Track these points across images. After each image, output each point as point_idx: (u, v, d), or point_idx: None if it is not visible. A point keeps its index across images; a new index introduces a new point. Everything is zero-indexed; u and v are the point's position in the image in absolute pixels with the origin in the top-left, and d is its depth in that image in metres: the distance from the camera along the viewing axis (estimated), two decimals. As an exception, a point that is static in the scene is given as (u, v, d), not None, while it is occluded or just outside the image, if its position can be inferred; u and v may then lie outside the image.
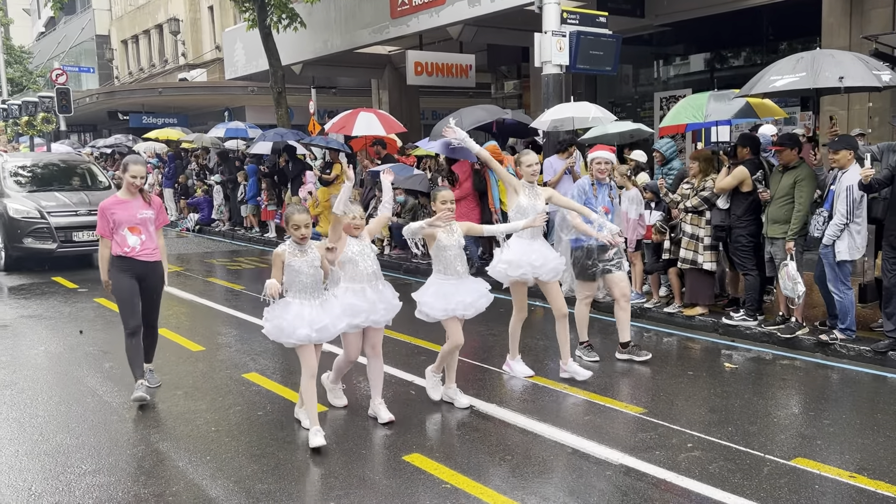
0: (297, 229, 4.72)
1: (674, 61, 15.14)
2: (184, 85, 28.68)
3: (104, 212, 5.44)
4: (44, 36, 46.89)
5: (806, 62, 6.72)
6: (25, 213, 11.35)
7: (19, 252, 11.42)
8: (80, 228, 11.38)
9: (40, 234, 11.27)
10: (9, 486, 4.19)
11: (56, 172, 13.12)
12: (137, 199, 5.54)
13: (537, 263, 5.90)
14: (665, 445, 4.67)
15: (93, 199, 11.66)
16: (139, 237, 5.48)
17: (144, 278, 5.55)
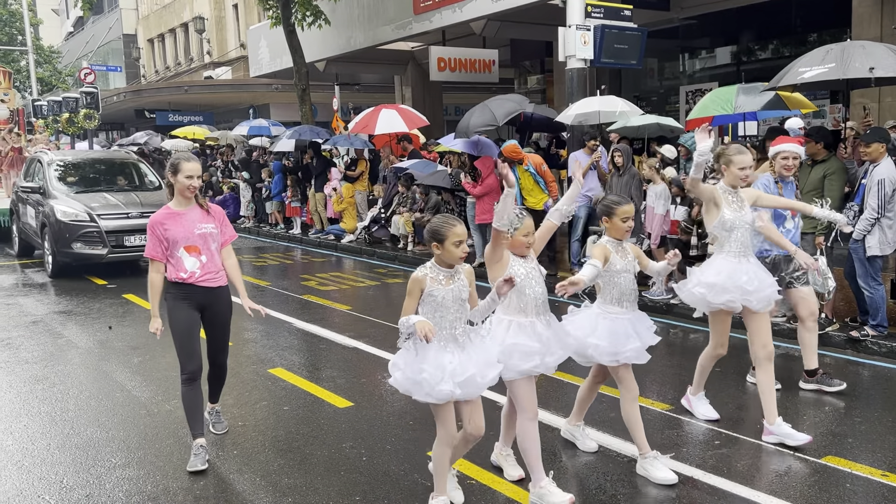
0: (458, 245, 3.56)
1: (700, 54, 14.97)
2: (209, 83, 28.96)
3: (154, 228, 4.35)
4: (72, 36, 47.60)
5: (835, 53, 6.61)
6: (74, 215, 10.53)
7: (68, 258, 10.63)
8: (132, 232, 10.45)
9: (90, 239, 10.46)
10: (41, 479, 4.27)
11: (103, 171, 12.29)
12: (194, 209, 4.43)
13: (749, 288, 4.63)
14: (692, 443, 4.63)
15: (144, 199, 11.04)
16: (198, 258, 4.39)
17: (207, 308, 4.50)
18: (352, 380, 6.06)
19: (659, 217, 7.93)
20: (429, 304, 3.54)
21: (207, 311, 4.52)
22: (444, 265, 3.59)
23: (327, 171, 14.29)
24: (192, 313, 4.45)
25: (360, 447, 4.65)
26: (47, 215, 10.77)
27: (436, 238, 3.55)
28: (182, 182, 4.36)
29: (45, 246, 10.99)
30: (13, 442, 4.83)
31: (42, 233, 11.05)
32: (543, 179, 9.30)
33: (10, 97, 19.21)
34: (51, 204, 10.82)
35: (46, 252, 10.96)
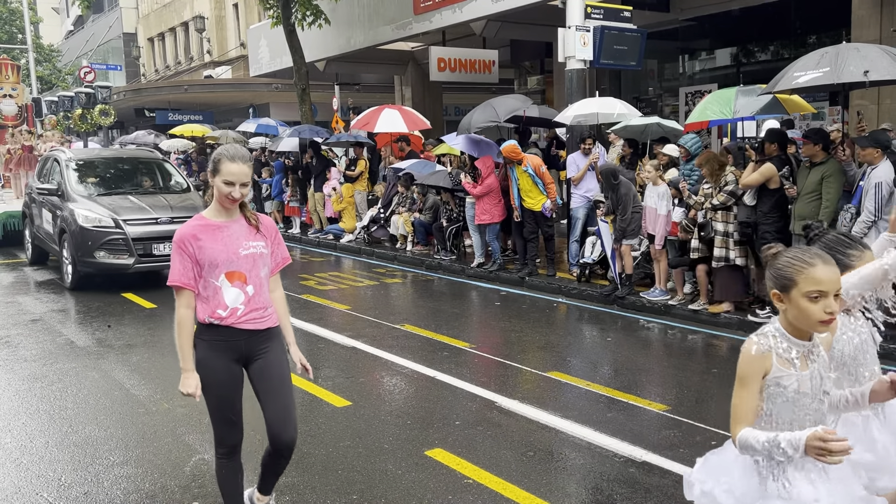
0: (815, 298, 2.15)
1: (699, 56, 14.99)
2: (209, 82, 28.97)
3: (184, 245, 3.15)
4: (72, 34, 47.60)
5: (830, 57, 6.62)
6: (97, 220, 9.47)
7: (90, 268, 9.55)
8: (161, 239, 9.40)
9: (115, 247, 9.38)
10: (39, 477, 4.28)
11: (126, 171, 11.17)
12: (238, 222, 3.25)
13: None
14: (689, 443, 4.64)
15: (174, 202, 10.04)
16: (243, 289, 3.21)
17: (253, 359, 3.31)
18: (350, 379, 6.07)
19: (662, 218, 7.94)
20: (776, 399, 2.25)
21: (254, 362, 3.31)
22: (794, 332, 2.24)
23: (327, 171, 14.31)
24: (233, 367, 3.28)
25: (357, 446, 4.66)
26: (67, 220, 9.74)
27: (779, 284, 2.22)
28: (220, 188, 3.15)
29: (63, 254, 9.95)
30: (12, 440, 4.84)
31: (60, 239, 9.99)
32: (542, 181, 9.31)
33: (18, 92, 18.61)
34: (70, 208, 9.78)
35: (65, 261, 9.89)
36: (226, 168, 3.14)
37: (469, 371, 6.21)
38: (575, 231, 9.69)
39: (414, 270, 11.25)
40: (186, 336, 3.20)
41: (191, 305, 3.20)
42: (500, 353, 6.81)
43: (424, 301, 9.28)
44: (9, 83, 18.48)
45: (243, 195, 3.18)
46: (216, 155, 3.21)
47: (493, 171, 9.93)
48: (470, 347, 6.91)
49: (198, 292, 3.20)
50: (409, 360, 6.48)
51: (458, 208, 11.10)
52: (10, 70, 18.89)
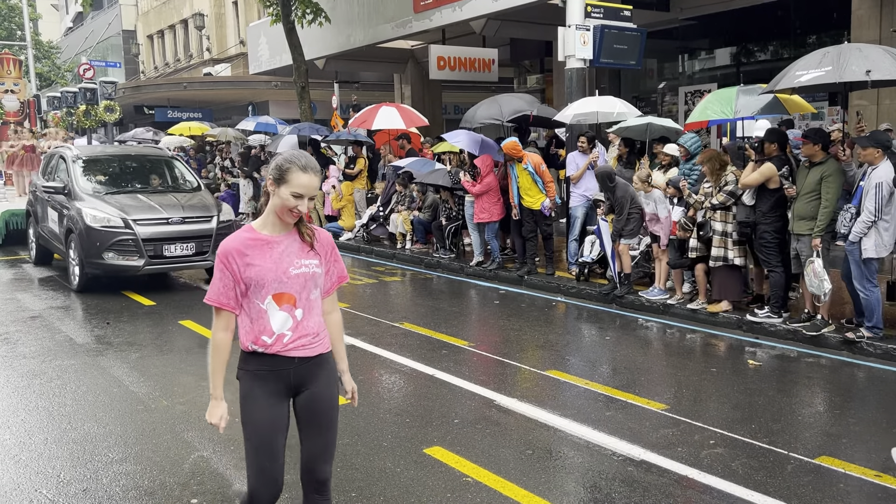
0: None
1: (699, 55, 15.00)
2: (208, 80, 28.95)
3: (229, 260, 2.79)
4: (71, 31, 47.55)
5: (832, 56, 6.64)
6: (105, 220, 9.10)
7: (98, 269, 9.18)
8: (172, 240, 9.17)
9: (124, 248, 9.02)
10: (38, 473, 4.28)
11: (134, 169, 10.76)
12: (291, 237, 2.87)
13: None
14: (687, 442, 4.65)
15: (185, 202, 9.69)
16: (291, 313, 2.84)
17: (301, 391, 2.93)
18: (349, 377, 6.07)
19: (666, 220, 7.96)
20: None
21: (302, 393, 2.92)
22: None
23: (326, 169, 14.29)
24: (279, 405, 2.88)
25: (356, 444, 4.67)
26: (74, 220, 9.35)
27: None
28: (285, 200, 2.76)
29: (69, 255, 9.60)
30: (11, 436, 4.84)
31: (67, 240, 9.63)
32: (542, 179, 9.32)
33: (20, 88, 18.16)
34: (78, 207, 9.39)
35: (72, 262, 9.52)
36: (296, 179, 2.74)
37: (468, 369, 6.21)
38: (574, 230, 9.69)
39: (413, 269, 11.25)
40: (220, 361, 2.93)
41: (229, 328, 2.86)
42: (499, 352, 6.81)
43: (423, 299, 9.28)
44: (10, 78, 17.95)
45: (309, 209, 2.84)
46: (283, 162, 2.80)
47: (492, 170, 9.92)
48: (469, 346, 6.92)
49: (239, 314, 2.85)
50: (408, 359, 6.49)
51: (457, 207, 11.10)
52: (13, 65, 18.26)
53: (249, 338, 2.85)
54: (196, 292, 9.62)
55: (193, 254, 9.27)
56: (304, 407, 2.94)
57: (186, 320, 7.89)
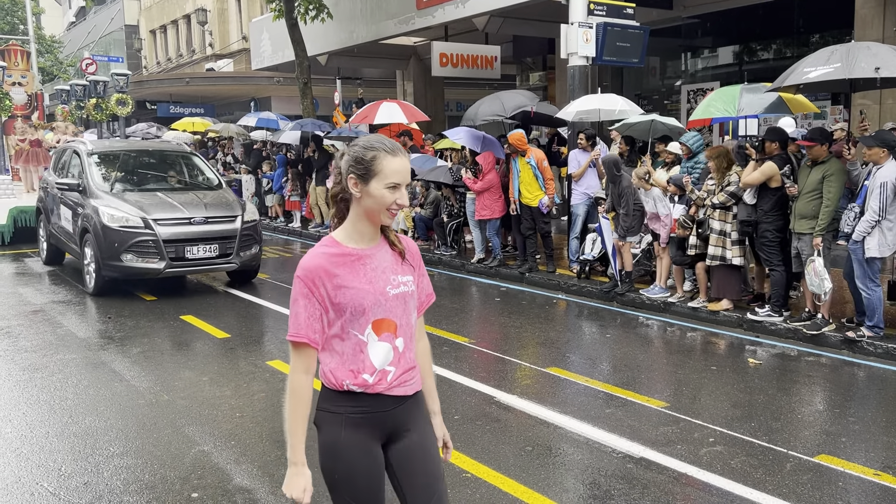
0: None
1: (702, 54, 14.98)
2: (211, 75, 28.96)
3: (314, 284, 2.23)
4: (74, 26, 47.53)
5: (840, 53, 6.64)
6: (124, 220, 8.61)
7: (115, 272, 8.65)
8: (195, 241, 8.71)
9: (144, 250, 8.51)
10: (39, 467, 4.30)
11: (152, 165, 10.23)
12: (382, 248, 2.35)
13: None
14: (687, 440, 4.66)
15: (207, 200, 9.24)
16: (392, 343, 2.32)
17: (398, 434, 2.37)
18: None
19: (665, 217, 7.96)
20: None
21: (399, 442, 2.38)
22: None
23: (328, 166, 14.30)
24: (376, 453, 2.35)
25: (356, 439, 4.67)
26: (90, 219, 8.87)
27: None
28: (381, 197, 2.24)
29: (84, 256, 9.08)
30: (12, 430, 4.85)
31: (82, 240, 9.11)
32: (542, 175, 9.32)
33: (27, 80, 17.29)
34: (94, 205, 8.90)
35: (87, 263, 9.01)
36: (389, 165, 2.22)
37: (468, 366, 6.22)
38: (575, 228, 9.69)
39: (414, 265, 11.25)
40: (302, 414, 2.30)
41: (311, 369, 2.28)
42: (499, 349, 6.82)
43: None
44: (18, 70, 17.18)
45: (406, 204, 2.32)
46: (364, 151, 2.24)
47: (494, 167, 9.93)
48: (469, 342, 6.92)
49: (325, 350, 2.30)
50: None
51: (458, 204, 11.11)
52: (20, 57, 17.55)
53: (344, 375, 2.28)
54: (198, 287, 9.63)
55: (217, 256, 8.91)
56: (405, 457, 2.36)
57: (188, 315, 7.91)
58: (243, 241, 9.08)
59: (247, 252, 9.16)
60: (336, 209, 2.32)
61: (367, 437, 2.31)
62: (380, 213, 2.26)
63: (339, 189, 2.29)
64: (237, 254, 9.01)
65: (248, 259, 9.21)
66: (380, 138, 2.30)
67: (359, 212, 2.27)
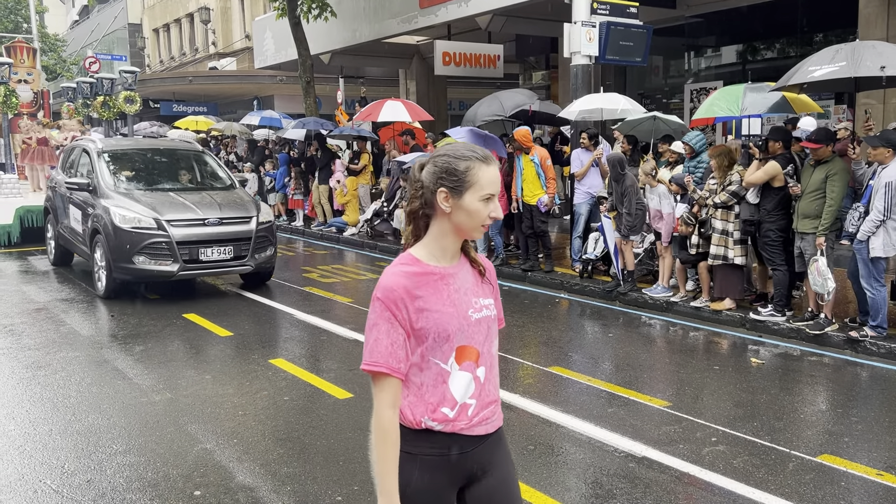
0: None
1: (705, 53, 14.95)
2: (214, 74, 28.97)
3: (395, 306, 2.01)
4: (77, 24, 47.61)
5: (846, 52, 6.64)
6: (136, 220, 8.34)
7: (127, 275, 8.41)
8: (209, 243, 8.45)
9: (157, 252, 8.27)
10: (43, 464, 4.31)
11: (164, 164, 9.95)
12: (463, 267, 2.13)
13: None
14: (689, 439, 4.66)
15: (221, 200, 8.97)
16: (475, 373, 2.10)
17: (476, 478, 2.13)
18: (352, 371, 6.09)
19: (668, 216, 7.95)
20: None
21: (478, 484, 2.13)
22: None
23: (331, 164, 14.31)
24: (452, 499, 2.11)
25: (359, 437, 4.68)
26: (100, 219, 8.58)
27: None
28: (478, 210, 2.02)
29: (95, 258, 8.80)
30: (15, 427, 4.86)
31: (92, 241, 8.83)
32: (545, 174, 9.32)
33: (34, 77, 16.79)
34: (105, 205, 8.61)
35: (98, 266, 8.71)
36: (484, 176, 2.01)
37: (471, 365, 6.21)
38: (578, 227, 9.69)
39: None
40: (392, 455, 1.99)
41: (397, 403, 2.02)
42: (501, 348, 6.77)
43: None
44: (24, 67, 16.57)
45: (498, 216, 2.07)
46: (455, 160, 2.01)
47: (497, 166, 9.92)
48: (472, 341, 6.91)
49: (404, 379, 2.03)
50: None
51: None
52: (26, 54, 16.94)
53: (422, 410, 2.03)
54: (200, 286, 9.64)
55: (231, 258, 8.63)
56: (485, 502, 2.12)
57: (190, 313, 7.92)
58: (258, 242, 8.84)
59: (262, 254, 8.92)
60: (413, 226, 2.08)
61: (441, 484, 2.06)
62: (473, 228, 2.04)
63: (419, 204, 2.05)
64: (252, 256, 8.77)
65: (263, 261, 8.98)
66: (468, 146, 2.08)
67: (445, 228, 2.04)
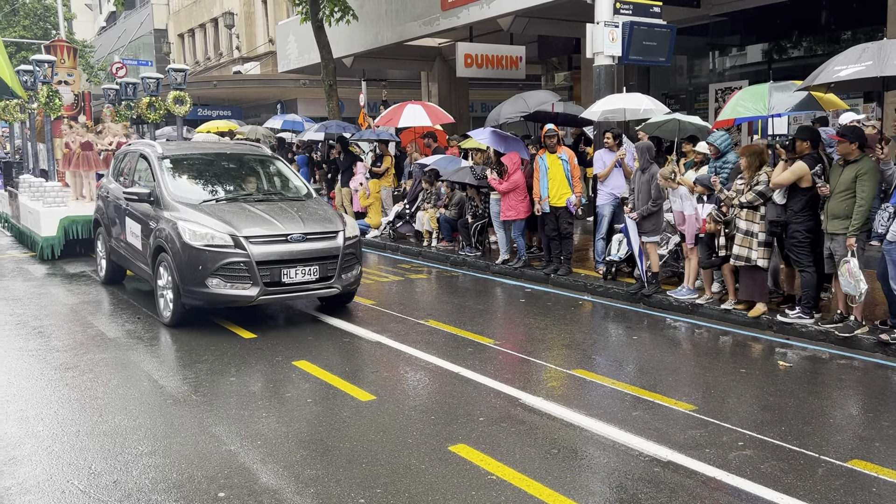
0: None
1: (730, 52, 14.79)
2: (238, 78, 29.24)
3: None
4: (105, 30, 48.33)
5: (872, 51, 6.52)
6: (209, 237, 7.24)
7: (198, 299, 7.30)
8: (293, 262, 7.34)
9: (234, 273, 7.17)
10: (70, 465, 4.36)
11: (232, 171, 8.77)
12: None
13: None
14: (715, 443, 4.60)
15: (303, 213, 7.82)
16: None
17: None
18: (375, 374, 6.10)
19: (691, 217, 7.87)
20: None
21: None
22: None
23: (353, 167, 14.37)
24: None
25: (381, 440, 4.68)
26: (166, 235, 7.51)
27: None
28: None
29: (158, 279, 7.70)
30: (44, 428, 4.93)
31: (155, 260, 7.76)
32: (570, 174, 9.28)
33: (74, 78, 15.75)
34: (170, 218, 7.58)
35: (163, 288, 7.64)
36: None
37: (493, 367, 6.20)
38: (601, 228, 9.62)
39: (439, 266, 11.26)
40: None
41: None
42: (524, 350, 6.79)
43: (449, 297, 9.29)
44: (64, 68, 15.41)
45: None
46: None
47: (519, 167, 9.89)
48: (494, 344, 6.90)
49: None
50: (433, 356, 6.49)
51: (483, 204, 11.09)
52: (66, 53, 15.81)
53: None
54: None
55: (316, 279, 7.48)
56: None
57: (216, 316, 7.98)
58: (345, 260, 7.71)
59: (348, 273, 7.79)
60: None
61: None
62: None
63: None
64: (339, 276, 7.63)
65: (349, 282, 7.84)
66: None
67: None
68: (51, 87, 13.75)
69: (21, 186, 14.33)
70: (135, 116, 14.48)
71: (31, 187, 13.73)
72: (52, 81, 13.82)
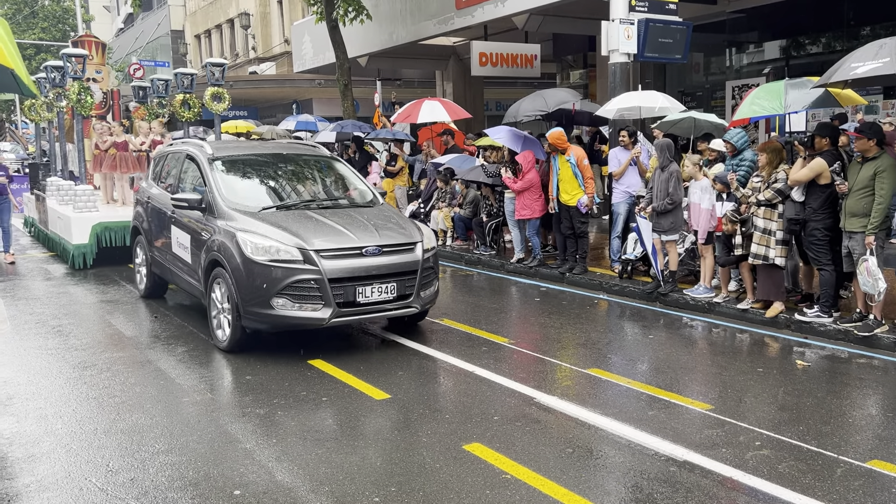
0: None
1: (747, 49, 14.66)
2: (253, 78, 29.39)
3: None
4: (122, 32, 48.76)
5: (890, 47, 6.43)
6: (273, 251, 6.30)
7: (262, 322, 6.40)
8: (368, 280, 6.41)
9: (303, 293, 6.25)
10: (88, 462, 4.40)
11: (291, 174, 7.88)
12: None
13: None
14: (732, 443, 4.56)
15: (375, 222, 6.88)
16: None
17: None
18: (389, 372, 6.10)
19: (706, 212, 7.81)
20: None
21: None
22: None
23: (368, 166, 14.41)
24: None
25: (396, 439, 4.69)
26: (223, 248, 6.59)
27: None
28: None
29: (213, 298, 6.79)
30: (62, 425, 4.98)
31: (209, 276, 6.86)
32: (582, 174, 9.23)
33: (103, 75, 15.08)
34: (227, 229, 6.65)
35: (218, 308, 6.75)
36: None
37: (508, 366, 6.19)
38: (616, 227, 9.58)
39: (453, 265, 11.26)
40: None
41: None
42: (539, 349, 6.77)
43: (464, 296, 9.28)
44: (93, 65, 14.31)
45: None
46: None
47: (534, 166, 9.87)
48: (509, 343, 6.89)
49: None
50: (447, 355, 6.49)
51: (498, 203, 11.07)
52: (94, 49, 14.92)
53: None
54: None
55: (394, 298, 6.55)
56: None
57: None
58: (425, 276, 6.79)
59: (427, 291, 6.87)
60: None
61: None
62: None
63: None
64: (417, 294, 6.70)
65: (427, 300, 6.92)
66: None
67: None
68: (82, 83, 12.30)
69: (49, 189, 13.37)
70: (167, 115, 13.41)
71: (60, 190, 12.74)
72: (83, 77, 12.36)
